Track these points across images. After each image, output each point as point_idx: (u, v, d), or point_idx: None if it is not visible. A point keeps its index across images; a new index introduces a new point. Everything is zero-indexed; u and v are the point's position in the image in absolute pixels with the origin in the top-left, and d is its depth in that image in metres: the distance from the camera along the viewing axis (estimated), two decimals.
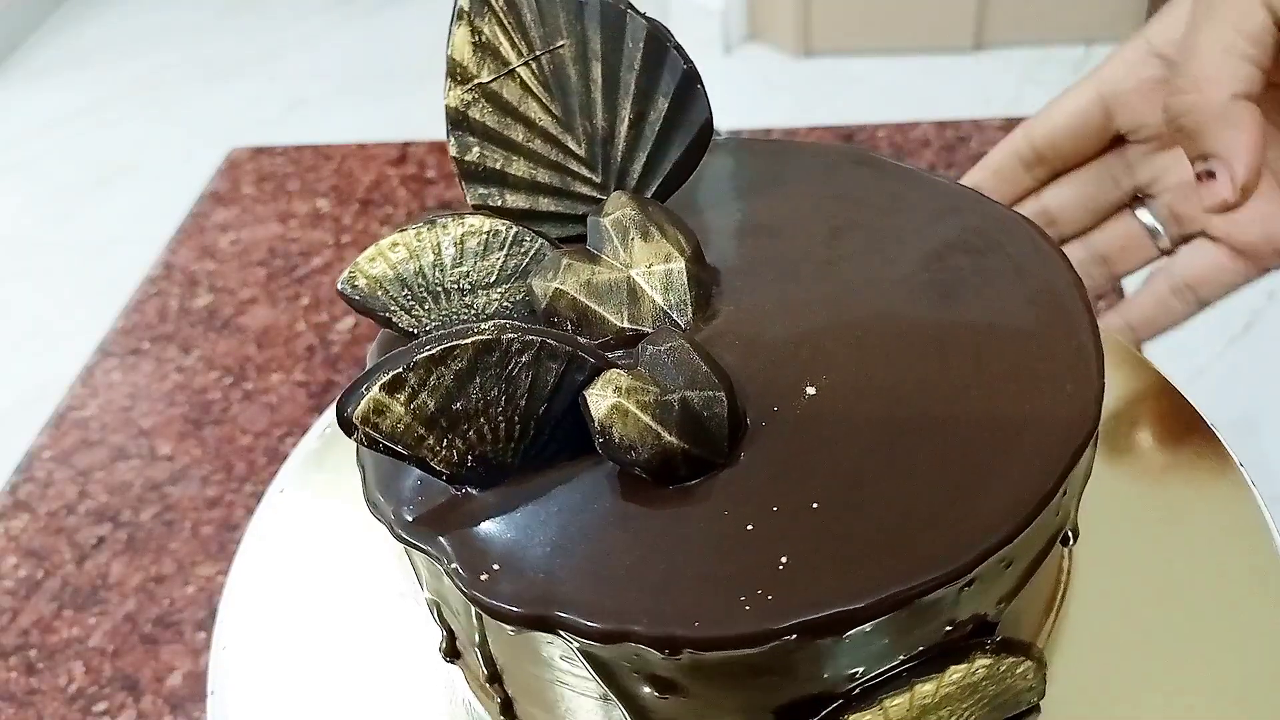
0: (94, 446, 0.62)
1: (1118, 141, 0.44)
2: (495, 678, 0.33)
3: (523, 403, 0.28)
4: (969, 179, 0.46)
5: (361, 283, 0.32)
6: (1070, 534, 0.32)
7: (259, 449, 0.61)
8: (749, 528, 0.27)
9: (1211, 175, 0.37)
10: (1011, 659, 0.29)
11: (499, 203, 0.34)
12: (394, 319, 0.32)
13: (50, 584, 0.55)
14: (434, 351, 0.27)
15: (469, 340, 0.27)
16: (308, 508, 0.43)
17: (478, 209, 0.33)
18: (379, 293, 0.32)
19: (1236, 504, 0.38)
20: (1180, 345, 0.47)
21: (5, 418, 1.25)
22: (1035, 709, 0.31)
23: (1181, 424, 0.41)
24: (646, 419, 0.28)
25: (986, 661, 0.29)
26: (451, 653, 0.35)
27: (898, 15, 1.76)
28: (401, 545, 0.30)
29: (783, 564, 0.27)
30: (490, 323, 0.28)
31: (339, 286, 0.32)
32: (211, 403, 0.64)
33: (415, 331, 0.32)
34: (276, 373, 0.66)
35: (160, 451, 0.62)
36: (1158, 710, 0.33)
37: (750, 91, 1.77)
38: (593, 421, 0.28)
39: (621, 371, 0.29)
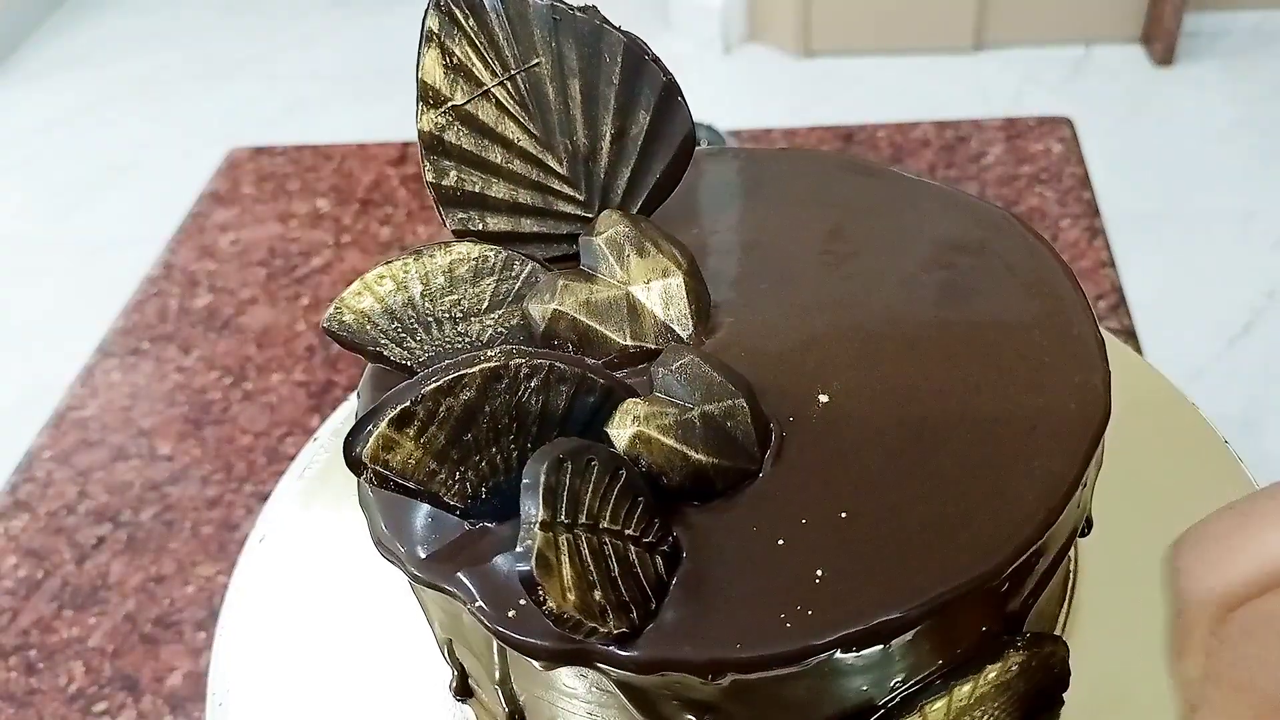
0: (94, 446, 0.62)
1: None
2: (516, 715, 0.32)
3: (534, 429, 0.27)
4: None
5: (348, 318, 0.31)
6: (1086, 524, 0.33)
7: (259, 449, 0.61)
8: (780, 542, 0.27)
9: None
10: (1042, 654, 0.29)
11: (480, 226, 0.33)
12: (384, 353, 0.31)
13: (50, 584, 0.55)
14: (441, 382, 0.26)
15: (476, 369, 0.26)
16: (313, 520, 0.42)
17: (458, 234, 0.33)
18: (367, 327, 0.31)
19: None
20: (1180, 345, 0.47)
21: (5, 418, 1.25)
22: (1060, 701, 0.31)
23: (1181, 424, 0.41)
24: (671, 441, 0.27)
25: (1019, 658, 0.29)
26: (463, 691, 0.34)
27: (898, 15, 1.76)
28: (413, 584, 0.29)
29: (819, 577, 0.26)
30: (496, 349, 0.27)
31: (324, 324, 0.31)
32: (211, 403, 0.64)
33: (408, 364, 0.31)
34: (276, 373, 0.66)
35: (160, 451, 0.62)
36: (1170, 696, 0.33)
37: (750, 91, 1.77)
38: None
39: (638, 400, 0.28)
